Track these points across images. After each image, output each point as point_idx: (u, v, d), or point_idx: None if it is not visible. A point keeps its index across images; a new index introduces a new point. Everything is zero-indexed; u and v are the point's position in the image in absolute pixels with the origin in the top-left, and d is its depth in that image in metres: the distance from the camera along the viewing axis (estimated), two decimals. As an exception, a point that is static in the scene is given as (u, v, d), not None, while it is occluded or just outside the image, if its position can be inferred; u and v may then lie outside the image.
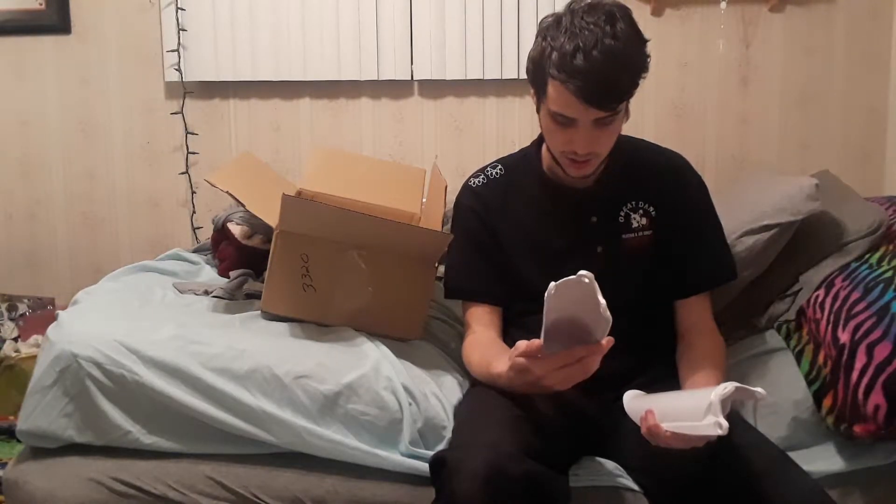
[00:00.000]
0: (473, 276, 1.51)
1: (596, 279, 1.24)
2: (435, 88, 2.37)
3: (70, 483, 1.38)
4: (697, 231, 1.49)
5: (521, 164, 1.55)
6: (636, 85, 1.31)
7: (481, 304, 1.49)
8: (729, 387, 1.07)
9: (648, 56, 1.32)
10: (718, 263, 1.50)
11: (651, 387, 1.28)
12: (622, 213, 1.46)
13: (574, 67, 1.24)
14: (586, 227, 1.46)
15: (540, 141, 1.53)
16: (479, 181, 1.54)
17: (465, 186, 1.55)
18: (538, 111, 1.40)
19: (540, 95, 1.36)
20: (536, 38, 1.35)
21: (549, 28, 1.31)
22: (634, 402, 1.24)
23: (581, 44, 1.24)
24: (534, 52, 1.34)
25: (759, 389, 1.08)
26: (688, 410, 1.11)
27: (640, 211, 1.46)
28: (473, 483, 1.08)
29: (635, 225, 1.46)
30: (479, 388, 1.42)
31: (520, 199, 1.50)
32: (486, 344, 1.43)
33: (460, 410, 1.42)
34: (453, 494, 1.10)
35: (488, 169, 1.56)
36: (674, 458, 1.17)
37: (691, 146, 2.31)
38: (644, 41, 1.32)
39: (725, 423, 1.04)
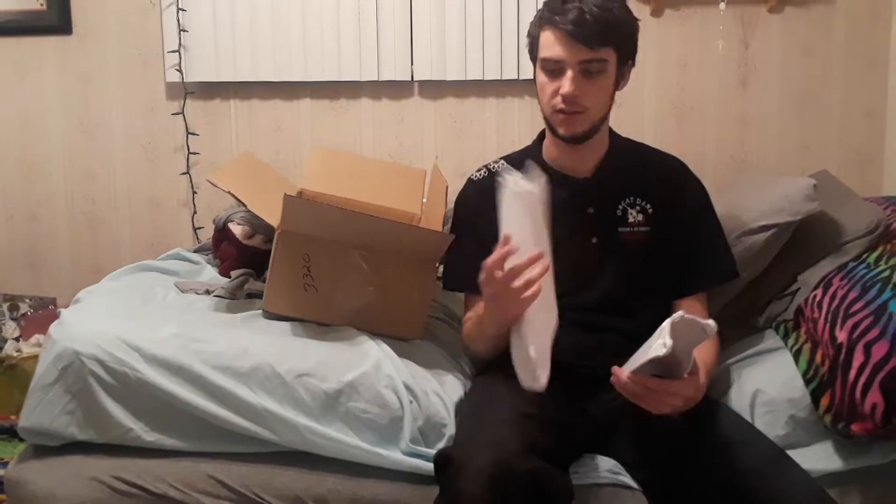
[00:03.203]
0: (470, 268, 1.53)
1: (591, 271, 1.31)
2: (435, 89, 2.38)
3: (71, 482, 1.38)
4: (696, 230, 1.50)
5: (522, 158, 1.59)
6: (623, 39, 1.41)
7: (478, 295, 1.52)
8: (679, 314, 1.10)
9: (637, 20, 1.44)
10: (717, 263, 1.51)
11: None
12: (620, 207, 1.48)
13: (564, 9, 1.36)
14: (583, 217, 1.48)
15: (541, 136, 1.57)
16: (480, 174, 1.59)
17: (468, 181, 1.60)
18: (535, 80, 1.46)
19: (536, 58, 1.44)
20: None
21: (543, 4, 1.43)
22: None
23: None
24: (530, 28, 1.46)
25: (708, 322, 1.10)
26: (643, 351, 1.15)
27: (638, 207, 1.49)
28: (479, 480, 1.09)
29: (631, 220, 1.48)
30: (481, 386, 1.44)
31: None
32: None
33: (463, 408, 1.42)
34: (459, 492, 1.11)
35: (490, 163, 1.61)
36: (661, 437, 1.22)
37: (691, 146, 2.31)
38: (633, 16, 1.43)
39: (670, 342, 1.07)
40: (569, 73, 1.38)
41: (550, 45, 1.39)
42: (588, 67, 1.38)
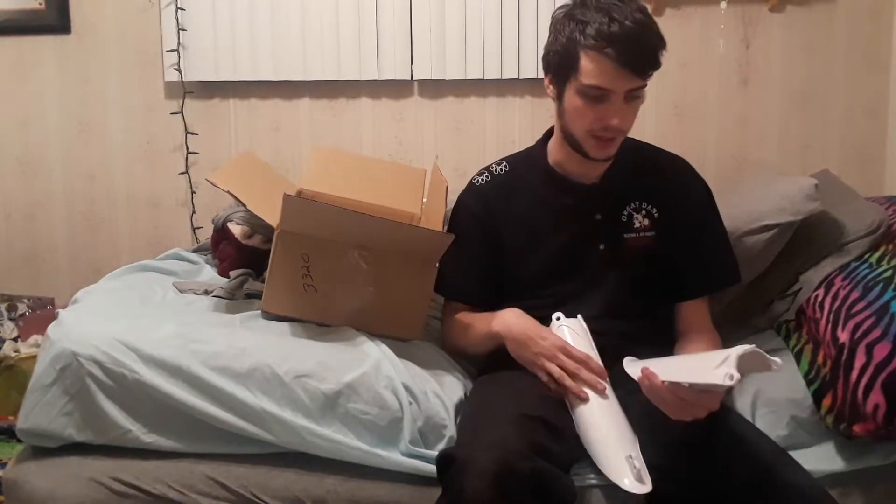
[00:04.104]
0: (466, 276, 1.55)
1: (597, 277, 1.27)
2: (435, 88, 2.37)
3: (70, 483, 1.38)
4: (701, 235, 1.49)
5: (526, 162, 1.57)
6: (660, 60, 1.35)
7: (464, 303, 1.57)
8: (750, 347, 1.05)
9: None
10: (721, 268, 1.51)
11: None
12: (625, 213, 1.47)
13: (612, 34, 1.29)
14: (590, 223, 1.47)
15: (545, 138, 1.56)
16: (483, 179, 1.57)
17: (469, 185, 1.58)
18: (560, 99, 1.41)
19: (568, 78, 1.37)
20: (554, 30, 1.38)
21: (575, 9, 1.35)
22: (633, 364, 1.27)
23: (615, 16, 1.30)
24: (559, 39, 1.37)
25: (776, 360, 1.07)
26: (694, 369, 1.13)
27: (643, 211, 1.47)
28: (483, 480, 1.09)
29: (637, 225, 1.47)
30: (483, 386, 1.43)
31: (524, 195, 1.52)
32: (474, 316, 1.52)
33: (465, 408, 1.42)
34: (462, 491, 1.10)
35: (493, 166, 1.58)
36: (670, 445, 1.20)
37: (691, 146, 2.31)
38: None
39: (737, 375, 1.03)
40: (618, 103, 1.34)
41: (597, 73, 1.32)
42: (633, 94, 1.35)
